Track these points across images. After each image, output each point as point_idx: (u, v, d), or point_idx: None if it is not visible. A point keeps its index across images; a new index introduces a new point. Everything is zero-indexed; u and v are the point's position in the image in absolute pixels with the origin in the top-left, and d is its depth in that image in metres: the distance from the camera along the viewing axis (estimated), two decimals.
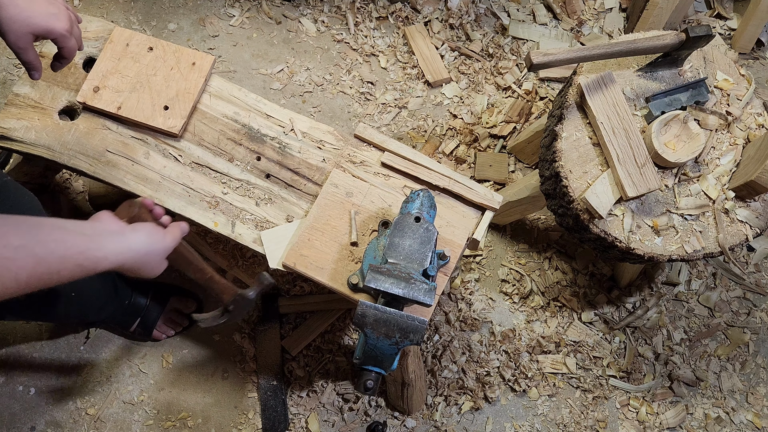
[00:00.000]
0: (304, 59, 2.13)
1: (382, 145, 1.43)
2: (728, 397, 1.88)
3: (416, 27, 2.19)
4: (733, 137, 1.48)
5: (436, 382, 1.78)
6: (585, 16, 2.31)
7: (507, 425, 1.79)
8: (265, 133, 1.45)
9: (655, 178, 1.39)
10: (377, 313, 1.12)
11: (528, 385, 1.82)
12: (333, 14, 2.21)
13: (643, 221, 1.42)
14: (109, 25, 1.51)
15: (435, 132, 2.07)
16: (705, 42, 1.41)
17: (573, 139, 1.44)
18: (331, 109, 2.07)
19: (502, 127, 2.07)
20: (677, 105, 1.47)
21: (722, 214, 1.44)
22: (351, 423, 1.74)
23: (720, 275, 2.00)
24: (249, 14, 2.18)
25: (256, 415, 1.73)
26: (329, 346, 1.80)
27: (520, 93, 2.14)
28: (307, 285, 1.84)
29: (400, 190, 1.40)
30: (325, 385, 1.76)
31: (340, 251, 1.32)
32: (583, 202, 1.39)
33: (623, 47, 1.37)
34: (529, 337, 1.87)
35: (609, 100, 1.43)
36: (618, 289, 1.93)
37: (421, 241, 1.19)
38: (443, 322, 1.85)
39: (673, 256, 1.41)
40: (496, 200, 1.39)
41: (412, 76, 2.14)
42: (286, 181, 1.42)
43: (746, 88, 1.53)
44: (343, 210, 1.36)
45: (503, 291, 1.92)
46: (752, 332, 1.96)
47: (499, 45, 2.21)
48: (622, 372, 1.87)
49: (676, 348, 1.90)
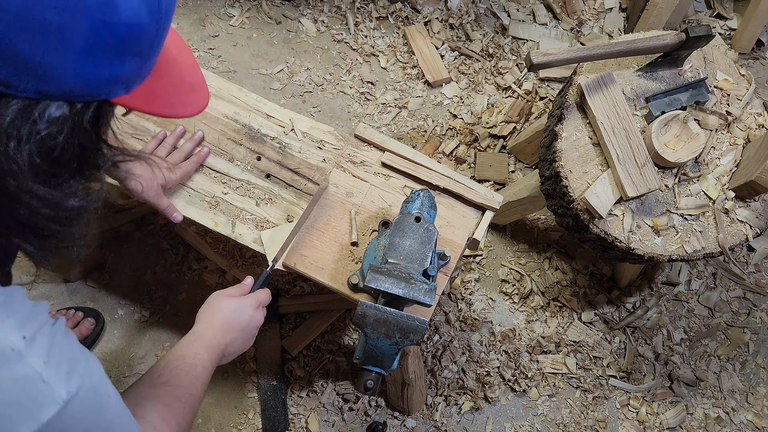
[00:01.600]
0: (304, 59, 2.13)
1: (382, 145, 1.43)
2: (728, 397, 1.88)
3: (416, 27, 2.19)
4: (733, 137, 1.48)
5: (436, 382, 1.78)
6: (585, 16, 2.31)
7: (507, 425, 1.79)
8: (266, 133, 1.45)
9: (655, 178, 1.39)
10: (377, 313, 1.12)
11: (528, 385, 1.82)
12: (333, 14, 2.21)
13: (643, 221, 1.42)
14: None
15: (435, 132, 2.07)
16: (705, 42, 1.41)
17: (573, 139, 1.44)
18: (331, 109, 2.07)
19: (502, 127, 2.07)
20: (677, 105, 1.47)
21: (722, 214, 1.44)
22: (351, 423, 1.74)
23: (720, 275, 2.00)
24: (249, 14, 2.18)
25: (256, 415, 1.73)
26: (329, 346, 1.80)
27: (520, 93, 2.14)
28: (307, 285, 1.84)
29: (400, 190, 1.40)
30: (325, 385, 1.76)
31: (341, 251, 1.32)
32: (583, 202, 1.39)
33: (623, 47, 1.37)
34: (529, 337, 1.87)
35: (609, 100, 1.43)
36: (618, 289, 1.93)
37: (422, 241, 1.19)
38: (443, 322, 1.85)
39: (673, 256, 1.41)
40: (496, 200, 1.39)
41: (412, 76, 2.14)
42: (287, 181, 1.42)
43: (746, 88, 1.53)
44: (344, 210, 1.36)
45: (503, 291, 1.92)
46: (752, 332, 1.96)
47: (499, 45, 2.21)
48: (622, 372, 1.87)
49: (676, 348, 1.90)
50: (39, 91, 0.61)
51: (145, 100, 0.71)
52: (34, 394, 0.67)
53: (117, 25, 0.62)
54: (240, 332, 1.13)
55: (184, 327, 1.79)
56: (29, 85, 0.61)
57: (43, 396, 0.67)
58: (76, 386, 0.70)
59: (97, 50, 0.63)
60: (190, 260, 1.85)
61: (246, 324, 1.14)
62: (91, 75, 0.64)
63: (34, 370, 0.67)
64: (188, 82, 0.80)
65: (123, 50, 0.65)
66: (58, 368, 0.69)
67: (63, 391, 0.68)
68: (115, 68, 0.65)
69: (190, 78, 0.80)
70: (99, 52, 0.63)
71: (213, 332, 1.09)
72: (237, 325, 1.13)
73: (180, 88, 0.78)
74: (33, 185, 0.63)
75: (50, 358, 0.68)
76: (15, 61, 0.59)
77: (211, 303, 1.15)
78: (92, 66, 0.63)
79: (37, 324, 0.70)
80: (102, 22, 0.61)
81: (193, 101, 0.80)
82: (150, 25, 0.66)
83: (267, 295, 1.21)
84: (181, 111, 0.77)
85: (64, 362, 0.70)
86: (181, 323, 1.80)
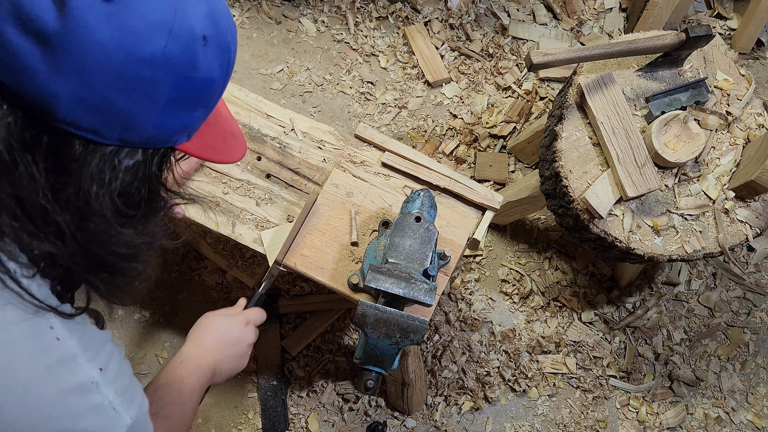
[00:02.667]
0: (304, 59, 2.13)
1: (382, 145, 1.43)
2: (728, 397, 1.88)
3: (416, 27, 2.19)
4: (733, 137, 1.48)
5: (436, 382, 1.78)
6: (585, 16, 2.31)
7: (507, 425, 1.79)
8: (266, 132, 1.45)
9: (655, 178, 1.39)
10: (378, 313, 1.12)
11: (528, 385, 1.82)
12: (333, 14, 2.21)
13: (643, 221, 1.42)
14: None
15: (435, 132, 2.07)
16: (705, 42, 1.41)
17: (573, 139, 1.44)
18: (331, 109, 2.07)
19: (502, 127, 2.07)
20: (677, 105, 1.47)
21: (722, 214, 1.44)
22: (351, 423, 1.74)
23: (720, 275, 2.00)
24: (249, 14, 2.18)
25: (256, 415, 1.73)
26: (329, 346, 1.80)
27: (520, 93, 2.14)
28: (307, 285, 1.84)
29: (400, 190, 1.40)
30: (325, 385, 1.76)
31: (341, 251, 1.32)
32: (583, 202, 1.39)
33: (623, 47, 1.37)
34: (529, 337, 1.87)
35: (609, 100, 1.43)
36: (618, 289, 1.93)
37: (422, 241, 1.19)
38: (443, 322, 1.85)
39: (673, 256, 1.41)
40: (497, 200, 1.39)
41: (412, 76, 2.14)
42: (287, 181, 1.42)
43: (746, 88, 1.53)
44: (344, 210, 1.36)
45: (503, 291, 1.92)
46: (752, 332, 1.96)
47: (499, 45, 2.21)
48: (622, 372, 1.87)
49: (676, 348, 1.90)
50: (122, 139, 0.66)
51: (200, 147, 0.77)
52: (106, 422, 0.74)
53: (196, 79, 0.68)
54: (230, 349, 1.12)
55: (184, 327, 1.79)
56: (114, 134, 0.65)
57: (114, 422, 0.75)
58: (135, 413, 0.77)
59: (177, 102, 0.68)
60: (190, 260, 1.85)
61: (236, 340, 1.13)
62: (168, 125, 0.69)
63: (107, 399, 0.74)
64: (230, 130, 0.85)
65: (196, 102, 0.71)
66: (124, 397, 0.76)
67: (128, 417, 0.76)
68: (186, 118, 0.71)
69: (230, 126, 0.86)
70: (178, 104, 0.68)
71: (200, 351, 1.08)
72: (225, 342, 1.12)
73: (225, 136, 0.83)
74: (110, 226, 0.68)
75: (118, 388, 0.76)
76: (108, 112, 0.64)
77: (200, 323, 1.14)
78: (170, 117, 0.68)
79: (108, 354, 0.77)
80: (185, 77, 0.67)
81: (235, 148, 0.86)
82: (220, 79, 0.72)
83: (259, 314, 1.20)
84: (227, 157, 0.83)
85: (128, 391, 0.78)
86: (181, 323, 1.80)
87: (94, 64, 0.60)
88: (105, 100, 0.63)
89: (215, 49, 0.69)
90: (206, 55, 0.68)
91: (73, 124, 0.63)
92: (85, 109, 0.62)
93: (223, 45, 0.71)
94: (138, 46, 0.62)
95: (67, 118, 0.62)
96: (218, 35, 0.70)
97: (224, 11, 0.72)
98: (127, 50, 0.61)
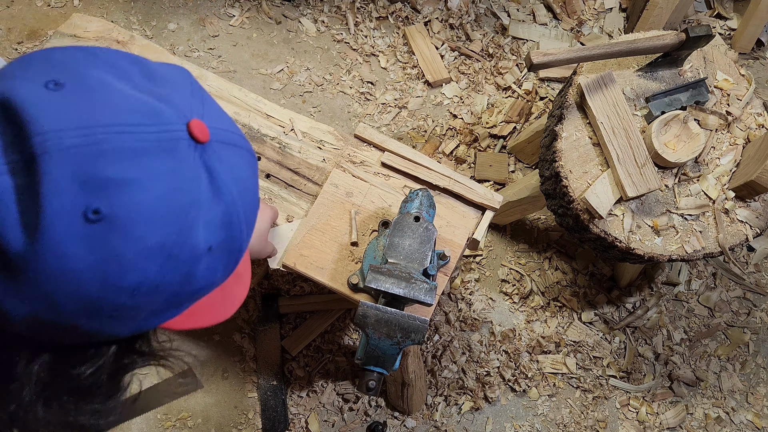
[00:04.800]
0: (304, 59, 2.13)
1: (382, 145, 1.43)
2: (728, 397, 1.88)
3: (416, 27, 2.19)
4: (733, 137, 1.48)
5: (436, 382, 1.78)
6: (585, 16, 2.31)
7: (507, 425, 1.79)
8: (265, 133, 1.45)
9: (655, 178, 1.39)
10: (378, 314, 1.12)
11: (528, 385, 1.82)
12: (333, 14, 2.21)
13: (643, 221, 1.42)
14: (109, 24, 1.51)
15: (435, 132, 2.07)
16: (705, 42, 1.41)
17: (573, 139, 1.44)
18: (331, 109, 2.07)
19: (502, 127, 2.07)
20: (677, 105, 1.47)
21: (722, 214, 1.44)
22: (351, 423, 1.74)
23: (720, 275, 2.00)
24: (249, 14, 2.18)
25: (256, 415, 1.73)
26: (329, 346, 1.80)
27: (520, 93, 2.14)
28: (307, 285, 1.84)
29: (400, 190, 1.40)
30: (325, 385, 1.76)
31: (340, 251, 1.32)
32: (583, 202, 1.39)
33: (623, 47, 1.37)
34: (529, 337, 1.87)
35: (609, 100, 1.43)
36: (618, 289, 1.93)
37: (421, 241, 1.19)
38: (443, 322, 1.85)
39: (673, 256, 1.41)
40: (496, 200, 1.39)
41: (412, 76, 2.14)
42: (286, 181, 1.42)
43: (746, 88, 1.53)
44: (343, 210, 1.36)
45: (503, 291, 1.92)
46: (752, 332, 1.96)
47: (499, 45, 2.21)
48: (622, 372, 1.87)
49: (676, 348, 1.90)
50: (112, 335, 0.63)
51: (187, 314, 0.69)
52: None
53: (191, 290, 0.62)
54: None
55: None
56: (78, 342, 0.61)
57: None
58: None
59: (164, 311, 0.62)
60: None
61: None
62: (149, 326, 0.65)
63: None
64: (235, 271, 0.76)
65: (189, 302, 0.65)
66: None
67: None
68: (175, 314, 0.65)
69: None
70: (165, 312, 0.63)
71: None
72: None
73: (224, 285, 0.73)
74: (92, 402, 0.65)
75: None
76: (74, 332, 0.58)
77: None
78: (154, 321, 0.63)
79: None
80: (177, 292, 0.60)
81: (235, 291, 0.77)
82: (222, 279, 0.66)
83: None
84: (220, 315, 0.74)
85: None
86: None
87: (61, 293, 0.52)
88: (70, 324, 0.56)
89: (222, 254, 0.61)
90: (209, 264, 0.60)
91: (30, 336, 0.57)
92: (44, 329, 0.56)
93: (233, 246, 0.63)
94: (120, 275, 0.53)
95: (22, 332, 0.56)
96: (229, 239, 0.61)
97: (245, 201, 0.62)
98: (105, 280, 0.53)
